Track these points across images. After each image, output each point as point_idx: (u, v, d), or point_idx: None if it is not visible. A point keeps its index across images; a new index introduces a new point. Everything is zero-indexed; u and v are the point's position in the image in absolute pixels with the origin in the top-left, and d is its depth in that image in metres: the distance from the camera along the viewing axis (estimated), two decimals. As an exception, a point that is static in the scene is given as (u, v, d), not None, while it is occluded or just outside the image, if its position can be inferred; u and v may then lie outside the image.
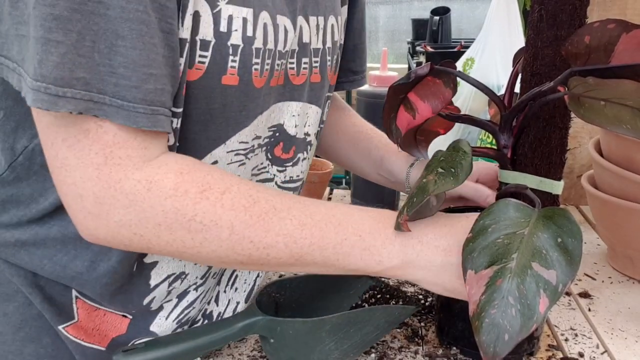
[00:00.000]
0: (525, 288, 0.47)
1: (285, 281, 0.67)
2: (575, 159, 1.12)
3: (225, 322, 0.58)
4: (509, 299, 0.47)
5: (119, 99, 0.46)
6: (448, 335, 0.67)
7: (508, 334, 0.46)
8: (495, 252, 0.50)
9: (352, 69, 0.83)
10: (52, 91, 0.44)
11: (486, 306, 0.47)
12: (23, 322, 0.59)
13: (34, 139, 0.56)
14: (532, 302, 0.47)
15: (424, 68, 0.62)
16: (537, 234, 0.50)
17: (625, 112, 0.50)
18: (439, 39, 2.67)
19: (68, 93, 0.44)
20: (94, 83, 0.45)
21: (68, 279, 0.58)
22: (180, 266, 0.60)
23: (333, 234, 0.53)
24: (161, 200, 0.48)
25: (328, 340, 0.59)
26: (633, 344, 0.68)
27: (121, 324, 0.61)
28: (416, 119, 0.65)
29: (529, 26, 0.61)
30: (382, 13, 3.69)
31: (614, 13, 1.08)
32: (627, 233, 0.81)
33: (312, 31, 0.65)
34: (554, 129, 0.61)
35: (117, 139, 0.47)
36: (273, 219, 0.52)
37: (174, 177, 0.49)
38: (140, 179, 0.48)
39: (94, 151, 0.47)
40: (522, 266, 0.48)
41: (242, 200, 0.51)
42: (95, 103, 0.46)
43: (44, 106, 0.44)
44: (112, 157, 0.48)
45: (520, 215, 0.53)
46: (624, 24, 0.51)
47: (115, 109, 0.46)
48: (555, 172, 0.62)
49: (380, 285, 0.70)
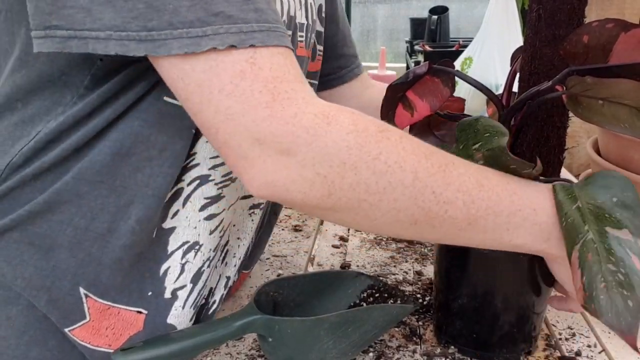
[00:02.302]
0: (615, 252, 0.46)
1: (283, 280, 0.67)
2: (573, 158, 1.12)
3: (223, 321, 0.58)
4: (609, 266, 0.45)
5: (264, 22, 0.45)
6: (446, 334, 0.67)
7: (630, 300, 0.44)
8: (567, 234, 0.49)
9: (352, 53, 0.86)
10: (192, 34, 0.43)
11: (592, 283, 0.45)
12: (27, 326, 0.58)
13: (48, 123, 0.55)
14: (628, 262, 0.45)
15: (422, 67, 0.62)
16: (590, 201, 0.49)
17: (623, 111, 0.50)
18: (437, 38, 2.67)
19: (209, 31, 0.43)
20: (236, 14, 0.44)
21: (90, 242, 0.56)
22: (195, 235, 0.60)
23: (508, 202, 0.52)
24: (343, 135, 0.46)
25: (326, 339, 0.59)
26: (630, 343, 0.68)
27: (137, 320, 0.59)
28: (414, 117, 0.65)
29: (527, 25, 0.61)
30: (380, 12, 3.69)
31: (613, 12, 1.08)
32: (625, 232, 0.81)
33: (297, 5, 0.66)
34: (552, 128, 0.61)
35: (274, 72, 0.46)
36: (453, 173, 0.50)
37: (349, 114, 0.47)
38: (316, 113, 0.46)
39: (257, 90, 0.45)
40: (600, 234, 0.47)
41: (421, 147, 0.49)
42: (245, 33, 0.45)
43: (189, 49, 0.43)
44: (278, 92, 0.45)
45: (564, 193, 0.52)
46: (622, 24, 0.51)
47: (265, 33, 0.45)
48: (554, 171, 0.62)
49: (378, 284, 0.70)
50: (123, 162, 0.54)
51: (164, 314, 0.60)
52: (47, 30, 0.47)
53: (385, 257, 0.90)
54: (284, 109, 0.45)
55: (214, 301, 0.68)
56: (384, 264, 0.88)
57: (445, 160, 0.50)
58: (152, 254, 0.58)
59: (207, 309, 0.67)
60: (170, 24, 0.44)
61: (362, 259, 0.89)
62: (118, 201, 0.55)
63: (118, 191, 0.55)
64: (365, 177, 0.47)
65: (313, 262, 0.90)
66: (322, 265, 0.88)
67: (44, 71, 0.55)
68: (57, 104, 0.55)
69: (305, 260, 0.89)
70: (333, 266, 0.88)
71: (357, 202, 0.48)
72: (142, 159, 0.55)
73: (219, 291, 0.69)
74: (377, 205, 0.48)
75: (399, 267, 0.87)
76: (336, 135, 0.46)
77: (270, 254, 0.91)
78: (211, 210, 0.60)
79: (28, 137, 0.56)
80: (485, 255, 0.59)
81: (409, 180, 0.48)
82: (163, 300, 0.60)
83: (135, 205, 0.55)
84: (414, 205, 0.48)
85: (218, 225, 0.62)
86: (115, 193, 0.55)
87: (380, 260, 0.89)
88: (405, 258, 0.90)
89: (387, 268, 0.87)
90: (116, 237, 0.56)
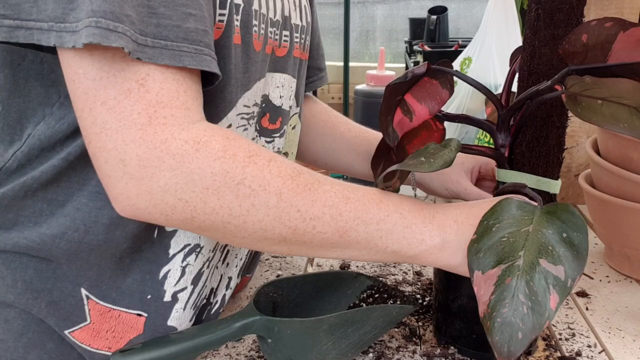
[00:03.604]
0: (535, 285, 0.47)
1: (282, 281, 0.67)
2: (572, 158, 1.12)
3: (222, 322, 0.58)
4: (520, 296, 0.47)
5: (162, 39, 0.45)
6: (446, 335, 0.67)
7: (521, 332, 0.46)
8: (501, 251, 0.50)
9: (318, 66, 0.86)
10: (102, 24, 0.43)
11: (497, 305, 0.47)
12: (25, 328, 0.58)
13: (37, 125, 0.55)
14: (542, 298, 0.47)
15: (421, 67, 0.62)
16: (542, 230, 0.50)
17: (623, 111, 0.50)
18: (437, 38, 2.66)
19: (119, 28, 0.43)
20: (137, 24, 0.44)
21: (86, 252, 0.55)
22: (196, 237, 0.60)
23: (376, 210, 0.53)
24: (210, 161, 0.47)
25: (326, 340, 0.59)
26: (630, 343, 0.68)
27: (137, 323, 0.59)
28: (413, 121, 0.64)
29: (526, 25, 0.61)
30: (379, 12, 3.69)
31: (611, 12, 1.08)
32: (625, 232, 0.81)
33: (291, 6, 0.66)
34: (551, 128, 0.61)
35: (159, 97, 0.46)
36: (319, 190, 0.51)
37: (221, 140, 0.48)
38: (187, 139, 0.47)
39: (137, 111, 0.46)
40: (530, 263, 0.48)
41: (287, 169, 0.51)
42: (138, 45, 0.45)
43: (95, 40, 0.43)
44: (156, 117, 0.46)
45: (523, 213, 0.53)
46: (621, 23, 0.51)
47: (159, 50, 0.45)
48: (553, 171, 0.62)
49: (378, 285, 0.70)
50: None
51: (164, 317, 0.60)
52: None
53: (385, 258, 0.90)
54: (156, 133, 0.46)
55: (216, 301, 0.68)
56: (383, 264, 0.88)
57: (311, 179, 0.52)
58: (153, 256, 0.58)
59: (210, 309, 0.67)
60: (88, 12, 0.44)
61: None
62: (112, 212, 0.54)
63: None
64: (228, 201, 0.48)
65: (312, 262, 0.90)
66: (322, 266, 0.88)
67: (32, 69, 0.54)
68: (42, 105, 0.55)
69: (304, 261, 0.89)
70: (332, 267, 0.87)
71: (222, 224, 0.49)
72: None
73: (220, 291, 0.68)
74: (243, 226, 0.50)
75: (398, 267, 0.87)
76: (202, 161, 0.47)
77: (269, 255, 0.91)
78: None
79: (20, 140, 0.55)
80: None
81: (273, 201, 0.49)
82: (162, 303, 0.60)
83: None
84: (280, 225, 0.50)
85: None
86: (109, 204, 0.55)
87: (380, 260, 0.89)
88: (405, 258, 0.90)
89: (386, 268, 0.86)
90: (114, 246, 0.56)
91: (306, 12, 0.71)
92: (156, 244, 0.58)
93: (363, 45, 3.69)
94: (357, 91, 1.90)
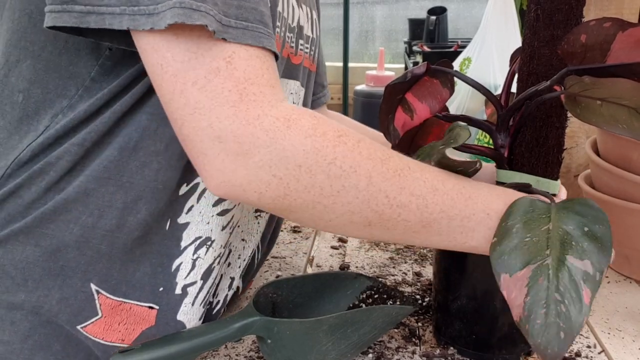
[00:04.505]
0: (567, 282, 0.47)
1: (282, 281, 0.67)
2: (572, 158, 1.12)
3: (222, 322, 0.58)
4: (556, 295, 0.46)
5: (243, 20, 0.46)
6: (445, 335, 0.67)
7: (563, 332, 0.45)
8: (526, 251, 0.49)
9: (322, 83, 0.88)
10: (186, 4, 0.44)
11: (534, 307, 0.46)
12: (31, 330, 0.57)
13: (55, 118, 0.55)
14: (577, 295, 0.46)
15: (420, 68, 0.62)
16: (562, 227, 0.50)
17: (622, 112, 0.50)
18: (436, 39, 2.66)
19: (202, 7, 0.44)
20: (221, 5, 0.45)
21: (98, 239, 0.56)
22: (208, 230, 0.60)
23: (463, 206, 0.53)
24: (301, 138, 0.47)
25: (325, 340, 0.59)
26: (630, 343, 0.68)
27: (149, 315, 0.59)
28: (414, 119, 0.65)
29: (525, 26, 0.61)
30: (378, 13, 3.69)
31: (611, 12, 1.08)
32: (624, 232, 0.81)
33: (303, 17, 0.67)
34: (550, 129, 0.61)
35: (247, 74, 0.47)
36: (408, 177, 0.51)
37: (310, 118, 0.49)
38: (278, 116, 0.47)
39: (227, 88, 0.47)
40: (558, 260, 0.48)
41: (377, 152, 0.51)
42: (223, 25, 0.46)
43: (180, 19, 0.44)
44: (246, 94, 0.47)
45: (539, 211, 0.52)
46: (619, 23, 0.51)
47: (241, 31, 0.46)
48: (552, 171, 0.62)
49: (377, 286, 0.70)
50: (130, 157, 0.54)
51: (174, 310, 0.60)
52: (65, 4, 0.48)
53: (385, 258, 0.90)
54: (248, 109, 0.47)
55: (217, 301, 0.68)
56: (383, 265, 0.88)
57: (401, 164, 0.51)
58: (165, 249, 0.58)
59: (211, 309, 0.67)
60: None
61: (361, 260, 0.89)
62: (125, 197, 0.55)
63: (125, 187, 0.55)
64: (320, 180, 0.48)
65: (312, 263, 0.90)
66: (321, 266, 0.88)
67: (51, 61, 0.54)
68: (61, 97, 0.55)
69: (304, 262, 0.89)
70: (332, 267, 0.87)
71: (312, 204, 0.49)
72: (149, 154, 0.55)
73: (222, 292, 0.68)
74: (332, 207, 0.50)
75: (398, 268, 0.87)
76: (294, 138, 0.47)
77: (269, 256, 0.91)
78: (224, 206, 0.61)
79: (36, 132, 0.56)
80: (485, 256, 0.59)
81: (363, 184, 0.49)
82: (174, 296, 0.60)
83: (145, 200, 0.55)
84: (367, 208, 0.50)
85: (229, 222, 0.63)
86: (123, 189, 0.55)
87: (380, 261, 0.89)
88: (405, 259, 0.90)
89: (386, 269, 0.86)
90: (126, 232, 0.56)
91: (316, 25, 0.72)
92: (168, 236, 0.58)
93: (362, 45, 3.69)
94: (356, 92, 1.90)
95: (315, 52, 0.72)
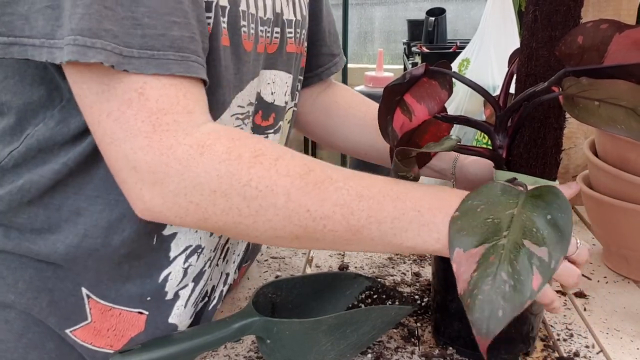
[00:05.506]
0: (518, 264, 0.47)
1: (281, 282, 0.67)
2: (570, 159, 1.12)
3: (221, 322, 0.58)
4: (502, 274, 0.47)
5: (148, 49, 0.46)
6: (444, 336, 0.67)
7: (502, 310, 0.45)
8: (485, 231, 0.50)
9: (331, 52, 0.85)
10: (80, 42, 0.44)
11: (479, 282, 0.47)
12: (25, 329, 0.58)
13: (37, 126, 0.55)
14: (525, 278, 0.47)
15: (419, 69, 0.63)
16: (526, 213, 0.51)
17: (619, 112, 0.50)
18: (435, 40, 2.67)
19: (97, 44, 0.44)
20: (122, 37, 0.45)
21: (84, 257, 0.56)
22: (197, 238, 0.60)
23: (391, 208, 0.53)
24: (215, 164, 0.48)
25: (324, 340, 0.59)
26: (628, 344, 0.69)
27: (138, 321, 0.60)
28: (412, 121, 0.65)
29: (523, 27, 0.61)
30: (377, 14, 3.69)
31: (609, 14, 1.08)
32: (622, 233, 0.81)
33: (283, 2, 0.66)
34: (548, 129, 0.61)
35: (160, 104, 0.47)
36: (329, 188, 0.51)
37: (226, 141, 0.49)
38: (192, 144, 0.48)
39: (140, 119, 0.47)
40: (514, 243, 0.48)
41: (296, 167, 0.51)
42: (124, 57, 0.46)
43: (74, 57, 0.44)
44: (159, 124, 0.47)
45: (508, 196, 0.53)
46: (616, 24, 0.51)
47: (145, 60, 0.46)
48: (550, 172, 0.62)
49: (376, 286, 0.71)
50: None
51: (165, 314, 0.60)
52: None
53: (383, 259, 0.90)
54: (161, 140, 0.47)
55: (214, 297, 0.68)
56: (382, 265, 0.88)
57: (322, 176, 0.51)
58: (153, 260, 0.58)
59: (207, 305, 0.68)
60: (69, 30, 0.45)
61: (360, 261, 0.89)
62: (110, 215, 0.55)
63: (111, 205, 0.55)
64: (236, 202, 0.49)
65: (311, 263, 0.90)
66: (320, 266, 0.88)
67: (37, 75, 0.55)
68: (44, 107, 0.55)
69: (303, 262, 0.89)
70: (331, 268, 0.88)
71: (234, 224, 0.50)
72: None
73: (219, 287, 0.69)
74: (253, 226, 0.50)
75: (397, 268, 0.87)
76: (207, 165, 0.48)
77: (268, 256, 0.91)
78: None
79: (18, 140, 0.56)
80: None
81: (281, 202, 0.50)
82: (165, 302, 0.60)
83: (129, 217, 0.55)
84: (290, 224, 0.50)
85: None
86: (109, 207, 0.55)
87: (378, 261, 0.89)
88: (403, 259, 0.90)
89: (385, 269, 0.87)
90: (112, 250, 0.56)
91: (300, 5, 0.71)
92: (156, 249, 0.58)
93: (361, 46, 3.69)
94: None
95: (300, 34, 0.72)
